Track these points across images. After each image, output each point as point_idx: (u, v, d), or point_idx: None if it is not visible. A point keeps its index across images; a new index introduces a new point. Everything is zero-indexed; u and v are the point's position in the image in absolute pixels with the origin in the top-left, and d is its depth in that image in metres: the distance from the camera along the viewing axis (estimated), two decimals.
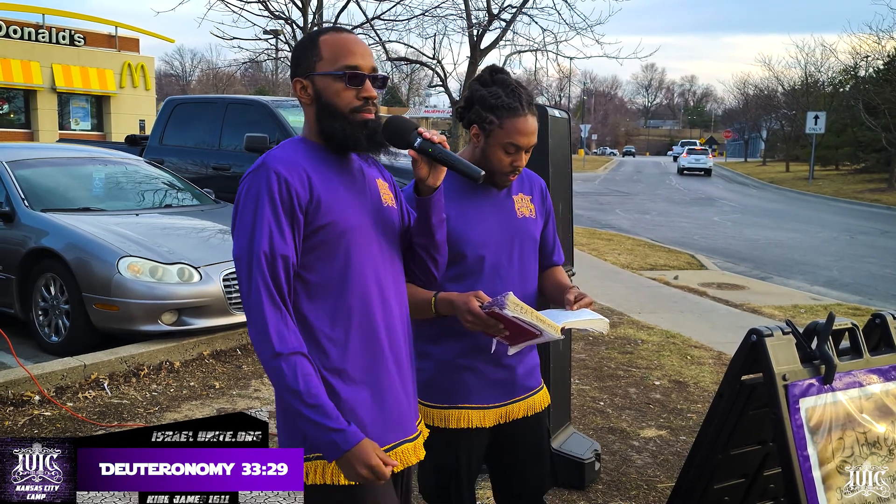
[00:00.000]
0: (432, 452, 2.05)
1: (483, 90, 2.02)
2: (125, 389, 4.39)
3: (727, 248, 12.61)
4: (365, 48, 1.68)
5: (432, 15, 12.86)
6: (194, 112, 7.89)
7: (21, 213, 5.20)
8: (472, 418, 2.03)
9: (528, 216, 2.11)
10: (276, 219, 1.54)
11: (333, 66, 1.62)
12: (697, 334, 6.32)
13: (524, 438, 2.14)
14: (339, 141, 1.63)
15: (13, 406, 4.00)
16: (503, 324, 1.82)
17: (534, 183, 2.19)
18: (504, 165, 1.99)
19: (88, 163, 6.21)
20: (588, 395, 4.65)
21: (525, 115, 1.98)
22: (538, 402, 2.15)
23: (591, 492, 3.35)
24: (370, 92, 1.64)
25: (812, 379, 2.01)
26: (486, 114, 1.98)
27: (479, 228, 2.02)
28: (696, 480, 2.27)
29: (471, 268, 2.01)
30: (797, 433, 1.94)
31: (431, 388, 2.04)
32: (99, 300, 4.73)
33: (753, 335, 2.00)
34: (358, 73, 1.62)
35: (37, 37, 23.11)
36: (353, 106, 1.62)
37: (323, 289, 1.60)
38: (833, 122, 35.54)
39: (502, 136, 1.97)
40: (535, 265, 2.15)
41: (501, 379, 2.05)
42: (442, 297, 1.91)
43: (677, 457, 3.77)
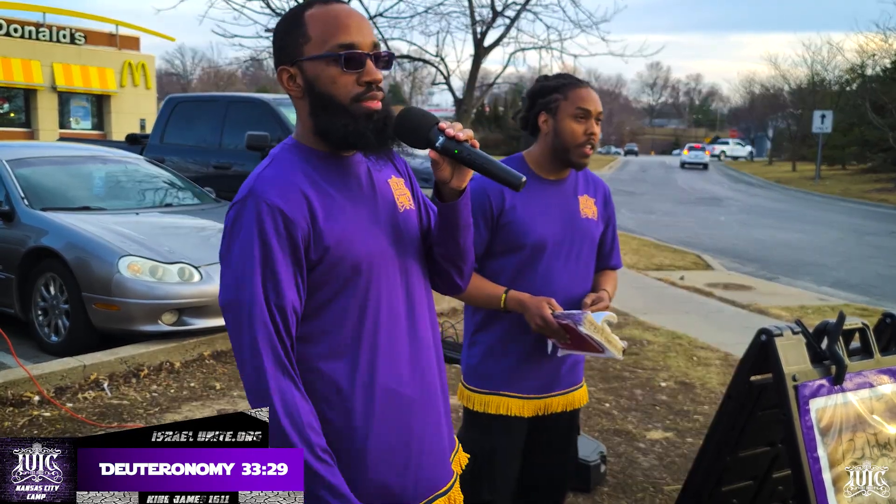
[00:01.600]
0: (471, 437, 2.10)
1: (536, 86, 2.11)
2: (125, 390, 4.35)
3: (733, 248, 12.53)
4: (362, 20, 1.35)
5: (435, 12, 12.82)
6: (195, 110, 7.86)
7: (21, 213, 5.17)
8: (511, 406, 2.08)
9: (591, 217, 2.15)
10: (272, 261, 1.26)
11: (325, 47, 1.30)
12: (704, 335, 6.25)
13: (557, 433, 2.18)
14: (340, 140, 1.33)
15: (13, 406, 3.96)
16: (570, 335, 1.92)
17: (598, 187, 2.23)
18: (578, 135, 2.02)
19: (89, 161, 6.18)
20: (593, 396, 4.59)
21: (586, 86, 2.06)
22: (577, 399, 2.19)
23: (596, 494, 3.30)
24: (373, 74, 1.32)
25: (822, 379, 1.96)
26: (548, 96, 2.05)
27: (542, 222, 2.06)
28: (704, 482, 2.21)
29: (527, 261, 2.05)
30: (807, 434, 1.88)
31: (476, 373, 2.11)
32: (99, 300, 4.69)
33: (763, 335, 1.95)
34: (355, 52, 1.30)
35: (37, 35, 23.14)
36: (353, 94, 1.31)
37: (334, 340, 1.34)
38: (840, 121, 35.36)
39: (570, 106, 2.02)
40: (592, 268, 2.19)
41: (545, 371, 2.10)
42: (514, 296, 1.98)
43: (684, 459, 3.71)
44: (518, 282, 2.05)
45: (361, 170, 1.40)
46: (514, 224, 2.03)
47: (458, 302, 6.76)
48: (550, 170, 2.11)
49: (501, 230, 2.06)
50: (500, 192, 2.04)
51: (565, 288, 2.07)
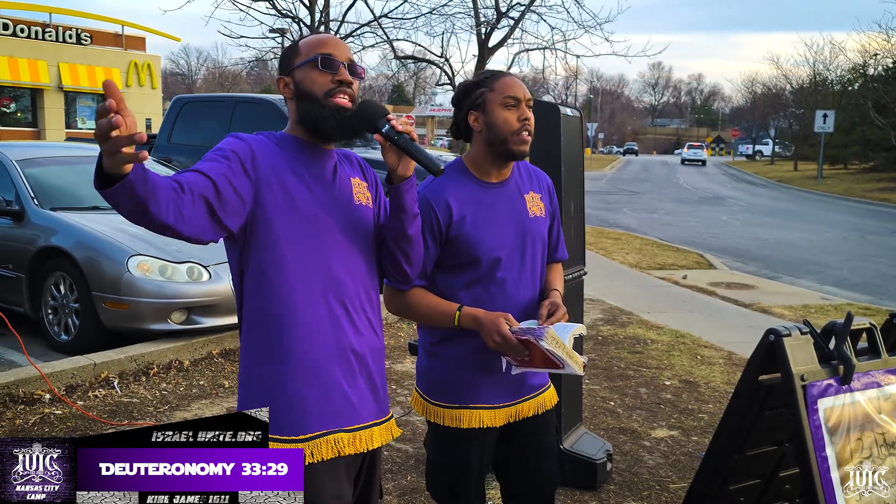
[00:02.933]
0: (441, 451, 2.08)
1: (459, 89, 2.08)
2: (135, 388, 4.39)
3: (736, 247, 12.55)
4: (341, 43, 1.74)
5: (440, 13, 12.85)
6: (202, 111, 7.89)
7: (31, 212, 5.21)
8: (483, 418, 2.01)
9: (539, 216, 2.09)
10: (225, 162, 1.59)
11: (308, 56, 1.69)
12: (707, 334, 6.29)
13: (533, 436, 2.12)
14: (312, 124, 1.68)
15: (24, 404, 4.00)
16: (529, 350, 1.85)
17: (542, 180, 2.17)
18: (512, 123, 1.95)
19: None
20: (598, 395, 4.62)
21: (509, 75, 2.03)
22: (547, 400, 2.14)
23: (602, 492, 3.33)
24: (344, 75, 1.68)
25: (830, 379, 1.99)
26: (472, 91, 2.01)
27: (494, 231, 1.99)
28: (711, 481, 2.24)
29: (485, 271, 1.98)
30: (815, 434, 1.91)
31: (442, 387, 2.04)
32: (109, 299, 4.73)
33: (771, 335, 1.98)
34: (331, 57, 1.68)
35: (44, 35, 23.20)
36: (326, 89, 1.67)
37: (265, 276, 1.64)
38: (842, 120, 35.35)
39: (497, 97, 1.97)
40: (544, 268, 2.13)
41: (511, 378, 2.02)
42: (467, 313, 1.92)
43: (689, 457, 3.74)
44: (472, 295, 1.97)
45: (329, 163, 1.75)
46: (464, 237, 1.95)
47: None
48: (491, 170, 2.03)
49: (451, 244, 1.97)
50: (444, 202, 1.96)
51: (521, 295, 2.02)
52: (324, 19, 12.99)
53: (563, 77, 57.27)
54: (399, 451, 3.64)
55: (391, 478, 3.38)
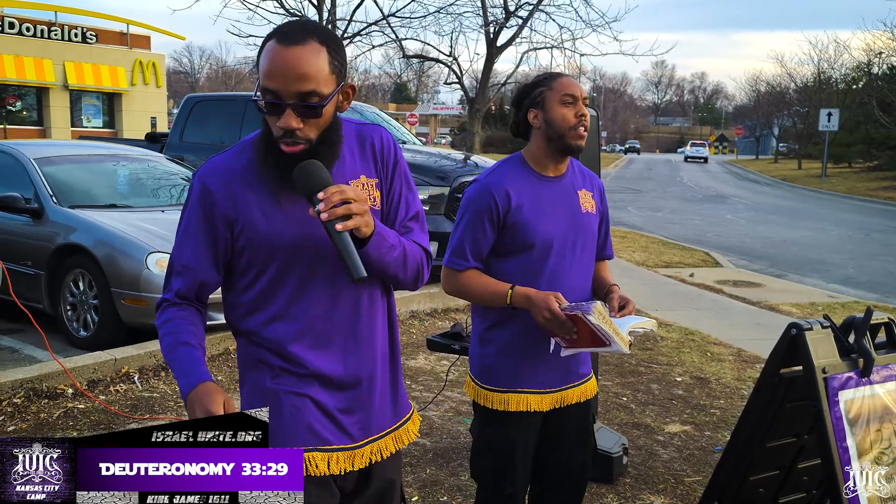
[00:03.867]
0: (488, 434, 2.17)
1: (519, 90, 2.20)
2: (154, 383, 4.45)
3: (741, 245, 12.59)
4: (289, 66, 1.41)
5: (448, 12, 12.90)
6: (214, 109, 7.95)
7: (49, 210, 5.27)
8: (530, 402, 2.13)
9: (590, 212, 2.21)
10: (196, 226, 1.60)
11: (260, 86, 1.44)
12: (716, 331, 6.34)
13: (574, 423, 2.23)
14: (258, 160, 1.51)
15: (48, 399, 4.07)
16: (577, 328, 1.92)
17: (594, 182, 2.29)
18: (570, 119, 2.08)
19: (112, 160, 6.28)
20: (611, 391, 4.68)
21: (567, 75, 2.15)
22: (589, 390, 2.25)
23: (619, 485, 3.39)
24: (287, 123, 1.41)
25: (850, 372, 2.04)
26: (532, 90, 2.13)
27: (548, 220, 2.11)
28: (733, 472, 2.30)
29: (536, 259, 2.10)
30: (836, 425, 1.97)
31: (492, 372, 2.15)
32: (128, 295, 4.80)
33: (794, 329, 2.04)
34: (276, 100, 1.41)
35: (49, 34, 23.27)
36: (276, 135, 1.45)
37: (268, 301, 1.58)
38: (846, 119, 35.34)
39: (556, 94, 2.09)
40: (592, 262, 2.25)
41: (558, 365, 2.14)
42: (519, 291, 2.02)
43: (703, 452, 3.80)
44: (525, 281, 2.07)
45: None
46: (520, 224, 2.07)
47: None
48: (549, 164, 2.15)
49: (508, 230, 2.09)
50: (504, 192, 2.08)
51: (572, 284, 2.12)
52: (331, 18, 13.05)
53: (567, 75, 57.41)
54: (417, 445, 3.70)
55: (410, 471, 3.44)
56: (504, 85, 15.25)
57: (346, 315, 1.58)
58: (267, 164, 1.49)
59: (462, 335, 3.80)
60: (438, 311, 6.40)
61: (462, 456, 3.61)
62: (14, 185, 5.39)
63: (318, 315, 1.56)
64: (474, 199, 2.11)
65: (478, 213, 2.09)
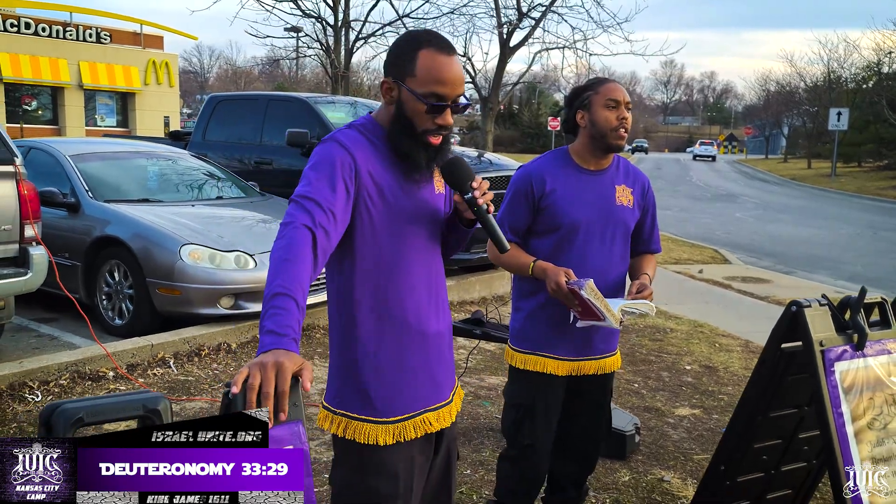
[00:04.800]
0: (513, 392, 2.46)
1: (571, 93, 2.47)
2: (189, 367, 4.69)
3: (750, 243, 12.75)
4: (458, 76, 1.71)
5: (461, 13, 13.13)
6: (236, 108, 8.18)
7: (85, 204, 5.52)
8: (547, 365, 2.40)
9: (625, 205, 2.44)
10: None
11: (422, 88, 1.67)
12: (724, 324, 6.53)
13: (590, 393, 2.47)
14: (399, 153, 1.72)
15: (91, 381, 4.31)
16: (577, 301, 2.21)
17: (637, 178, 2.52)
18: (612, 121, 2.34)
19: (142, 157, 6.53)
20: (623, 377, 4.88)
21: (613, 81, 2.39)
22: (609, 364, 2.49)
23: (632, 461, 3.60)
24: (447, 120, 1.70)
25: (846, 346, 2.25)
26: (582, 93, 2.39)
27: (578, 206, 2.36)
28: (738, 439, 2.51)
29: (562, 240, 2.35)
30: (832, 392, 2.18)
31: (520, 335, 2.44)
32: (162, 285, 5.03)
33: (794, 306, 2.24)
34: (442, 103, 1.68)
35: (64, 34, 23.59)
36: (425, 128, 1.70)
37: (368, 271, 1.71)
38: (856, 118, 35.33)
39: (601, 98, 2.34)
40: (625, 253, 2.47)
41: (577, 337, 2.39)
42: (539, 265, 2.32)
43: (712, 433, 4.00)
44: (555, 259, 2.34)
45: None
46: (552, 207, 2.34)
47: (499, 289, 7.08)
48: (591, 160, 2.41)
49: (542, 212, 2.37)
50: (541, 177, 2.37)
51: (599, 268, 2.37)
52: (345, 19, 13.28)
53: (575, 75, 57.41)
54: None
55: None
56: (516, 85, 15.45)
57: (436, 276, 1.84)
58: (411, 153, 1.71)
59: (483, 321, 4.03)
60: (454, 303, 6.61)
61: (482, 435, 3.83)
62: (51, 180, 5.64)
63: (422, 275, 1.79)
64: (516, 182, 2.42)
65: (516, 194, 2.40)
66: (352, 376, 1.75)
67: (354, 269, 1.73)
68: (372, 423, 1.74)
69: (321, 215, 1.58)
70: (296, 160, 7.26)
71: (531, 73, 16.87)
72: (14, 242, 4.39)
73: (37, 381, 4.19)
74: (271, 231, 5.56)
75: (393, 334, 1.75)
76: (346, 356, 1.76)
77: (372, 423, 1.74)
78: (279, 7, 12.96)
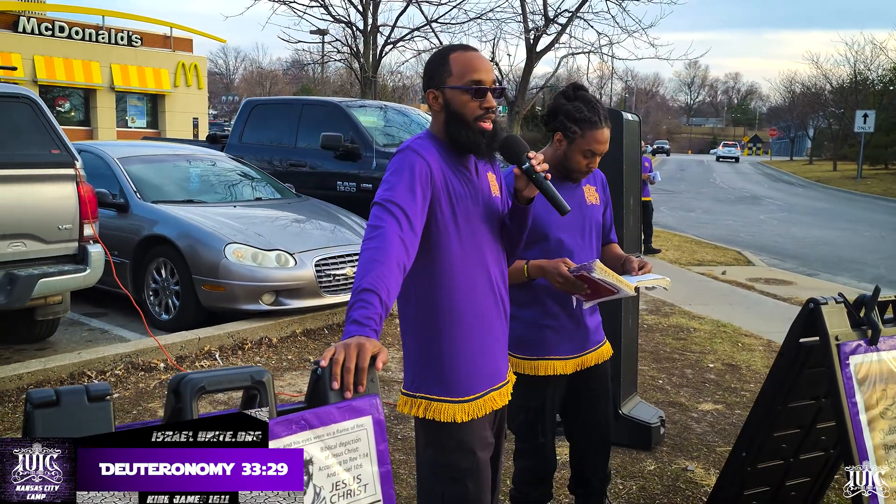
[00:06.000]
0: (523, 395, 2.57)
1: (568, 104, 2.47)
2: (233, 360, 4.95)
3: (774, 245, 12.80)
4: (487, 64, 1.96)
5: (489, 18, 13.34)
6: (272, 112, 8.46)
7: (134, 205, 5.81)
8: (556, 367, 2.54)
9: (595, 203, 2.62)
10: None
11: (461, 81, 1.91)
12: (747, 324, 6.66)
13: (594, 381, 2.65)
14: (462, 144, 1.93)
15: (143, 371, 4.58)
16: (587, 284, 2.32)
17: (596, 175, 2.67)
18: (581, 167, 2.47)
19: (184, 159, 6.82)
20: (647, 374, 5.06)
21: (603, 128, 2.45)
22: (605, 352, 2.68)
23: (657, 452, 3.78)
24: (491, 102, 1.92)
25: (860, 340, 2.42)
26: (570, 125, 2.44)
27: (558, 218, 2.44)
28: (759, 428, 2.69)
29: (551, 247, 2.49)
30: (847, 384, 2.35)
31: (522, 343, 2.54)
32: (207, 282, 5.30)
33: (811, 303, 2.42)
34: (482, 86, 1.90)
35: (97, 38, 24.17)
36: (476, 115, 1.91)
37: (443, 267, 1.93)
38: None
39: (583, 144, 2.43)
40: (599, 245, 2.66)
41: (577, 334, 2.56)
42: (533, 264, 2.40)
43: (734, 427, 4.16)
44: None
45: (471, 161, 2.03)
46: (535, 219, 2.31)
47: None
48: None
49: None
50: None
51: (584, 260, 2.47)
52: (373, 23, 13.54)
53: (598, 76, 57.40)
54: None
55: None
56: (542, 88, 15.61)
57: (500, 268, 2.07)
58: (471, 140, 1.91)
59: None
60: None
61: None
62: (101, 182, 5.93)
63: (488, 267, 2.02)
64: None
65: None
66: (428, 363, 1.97)
67: (430, 265, 1.93)
68: (449, 402, 1.96)
69: (405, 221, 1.79)
70: (329, 162, 7.51)
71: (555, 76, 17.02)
72: (74, 241, 4.68)
73: (94, 371, 4.46)
74: (308, 231, 5.81)
75: (463, 324, 1.96)
76: (423, 346, 1.97)
77: (449, 403, 1.96)
78: (310, 12, 13.26)
